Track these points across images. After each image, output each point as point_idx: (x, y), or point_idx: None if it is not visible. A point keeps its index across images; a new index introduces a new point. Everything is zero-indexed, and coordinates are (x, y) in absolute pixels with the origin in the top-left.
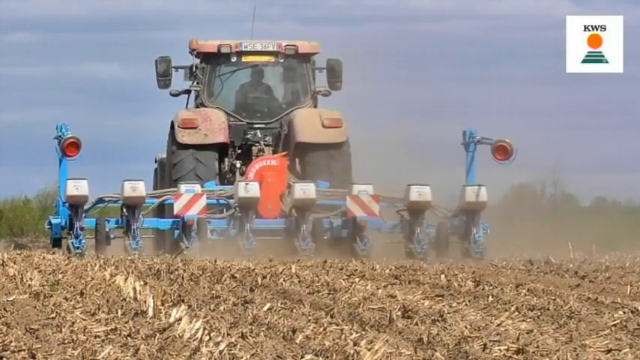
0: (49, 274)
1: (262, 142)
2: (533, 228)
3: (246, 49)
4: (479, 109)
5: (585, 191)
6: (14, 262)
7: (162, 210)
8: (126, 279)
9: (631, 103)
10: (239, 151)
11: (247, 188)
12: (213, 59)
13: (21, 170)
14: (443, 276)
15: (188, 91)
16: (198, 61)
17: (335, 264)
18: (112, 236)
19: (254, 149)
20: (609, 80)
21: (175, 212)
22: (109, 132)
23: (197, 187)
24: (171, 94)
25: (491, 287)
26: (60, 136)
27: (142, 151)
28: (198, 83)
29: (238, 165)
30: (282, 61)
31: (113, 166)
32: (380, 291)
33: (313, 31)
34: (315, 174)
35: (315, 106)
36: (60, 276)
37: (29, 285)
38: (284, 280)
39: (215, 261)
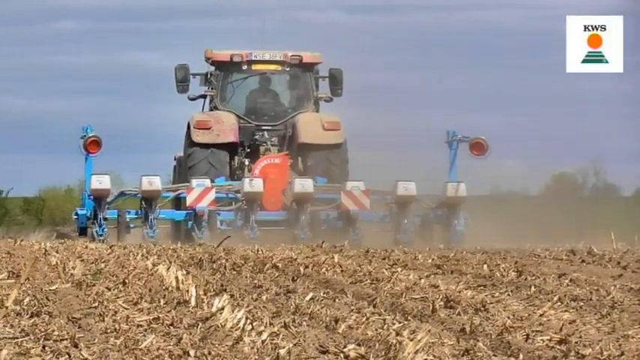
0: (92, 263)
1: (269, 143)
2: (575, 218)
3: (255, 59)
4: (521, 98)
5: (627, 181)
6: (56, 252)
7: (179, 203)
8: (168, 268)
9: None
10: (248, 150)
11: (252, 184)
12: (225, 67)
13: (64, 159)
14: (485, 266)
15: (204, 96)
16: (212, 68)
17: (377, 253)
18: (131, 225)
19: (261, 149)
20: None
21: (188, 204)
22: (153, 120)
23: (207, 182)
24: (189, 99)
25: (533, 277)
26: (84, 136)
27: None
28: (212, 89)
29: (247, 163)
30: (287, 69)
31: (157, 153)
32: (422, 281)
33: (357, 19)
34: (315, 171)
35: (317, 111)
36: (102, 265)
37: (71, 274)
38: (326, 270)
39: (257, 250)
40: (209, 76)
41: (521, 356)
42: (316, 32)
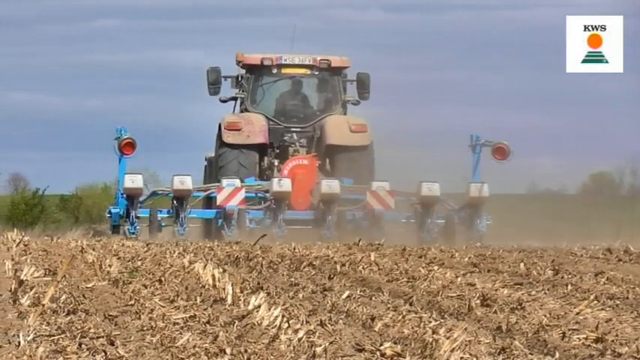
0: (128, 261)
1: (297, 144)
2: (612, 216)
3: (285, 62)
4: (559, 97)
5: None
6: (93, 249)
7: (210, 202)
8: (205, 266)
9: None
10: (277, 151)
11: (280, 184)
12: (256, 70)
13: (101, 156)
14: (522, 264)
15: (235, 98)
16: (243, 71)
17: (414, 252)
18: (162, 224)
19: (290, 150)
20: None
21: (218, 203)
22: (190, 119)
23: (237, 182)
24: (221, 101)
25: (570, 276)
26: (118, 138)
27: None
28: (243, 91)
29: (276, 163)
30: (316, 73)
31: (194, 152)
32: (459, 279)
33: (399, 18)
34: (342, 172)
35: (345, 114)
36: (139, 263)
37: (108, 272)
38: (363, 268)
39: (294, 249)
40: (240, 78)
41: (557, 355)
42: (355, 31)
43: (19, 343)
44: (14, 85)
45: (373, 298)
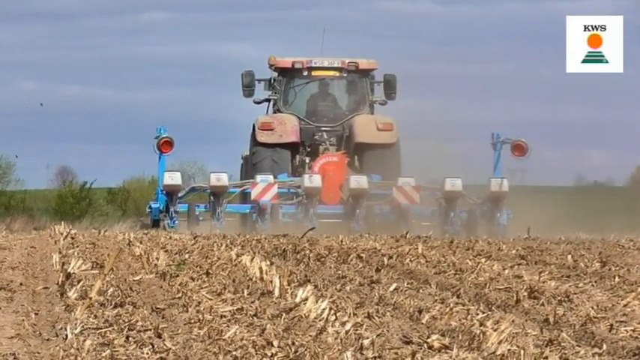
0: (175, 253)
1: (327, 142)
2: None
3: (315, 65)
4: (605, 91)
5: None
6: (140, 242)
7: (245, 198)
8: (252, 259)
9: None
10: (308, 149)
11: (311, 180)
12: (288, 73)
13: (148, 149)
14: (569, 256)
15: (268, 100)
16: (276, 74)
17: (461, 244)
18: (200, 218)
19: (320, 148)
20: None
21: (252, 198)
22: (240, 112)
23: (270, 177)
24: (255, 102)
25: (617, 268)
26: (158, 136)
27: None
28: (275, 93)
29: (307, 161)
30: (345, 75)
31: (242, 146)
32: (506, 271)
33: (449, 10)
34: (370, 169)
35: (372, 113)
36: (186, 256)
37: (155, 265)
38: (410, 261)
39: (341, 241)
40: (272, 81)
41: (604, 347)
42: (402, 23)
43: (67, 336)
44: (63, 78)
45: (420, 291)
